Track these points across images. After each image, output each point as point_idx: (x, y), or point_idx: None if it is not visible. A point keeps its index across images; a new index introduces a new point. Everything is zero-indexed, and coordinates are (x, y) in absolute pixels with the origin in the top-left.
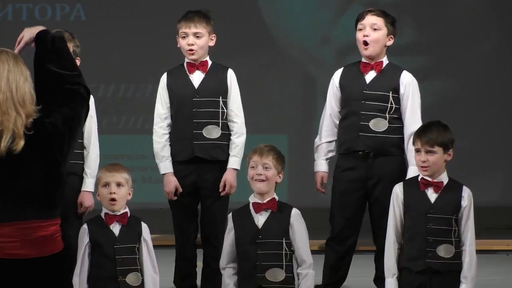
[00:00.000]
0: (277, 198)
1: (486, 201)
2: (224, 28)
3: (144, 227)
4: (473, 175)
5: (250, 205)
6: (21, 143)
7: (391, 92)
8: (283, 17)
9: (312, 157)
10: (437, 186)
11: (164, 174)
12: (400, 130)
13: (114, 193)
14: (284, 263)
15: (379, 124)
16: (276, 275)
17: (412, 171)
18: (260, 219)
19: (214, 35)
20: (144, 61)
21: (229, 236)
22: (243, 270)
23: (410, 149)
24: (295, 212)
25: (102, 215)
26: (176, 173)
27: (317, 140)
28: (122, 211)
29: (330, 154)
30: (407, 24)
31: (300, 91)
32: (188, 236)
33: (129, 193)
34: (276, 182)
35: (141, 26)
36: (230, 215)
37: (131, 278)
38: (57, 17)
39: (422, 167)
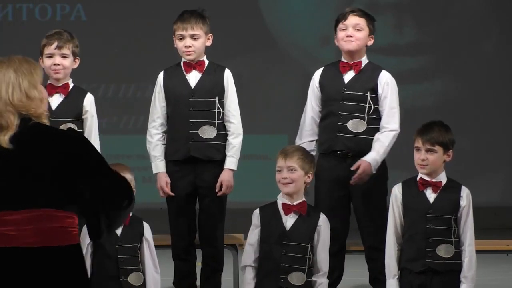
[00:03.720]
0: (306, 201)
1: (486, 201)
2: (224, 28)
3: (146, 227)
4: (473, 175)
5: (279, 204)
6: (8, 134)
7: (369, 92)
8: (283, 17)
9: None
10: (435, 186)
11: (156, 173)
12: (379, 131)
13: None
14: (306, 268)
15: (357, 125)
16: (299, 278)
17: (372, 155)
18: (289, 220)
19: (211, 34)
20: (144, 61)
21: (253, 233)
22: (264, 270)
23: (376, 137)
24: (323, 218)
25: None
26: (173, 173)
27: (297, 140)
28: None
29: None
30: (407, 24)
31: (300, 91)
32: (186, 237)
33: None
34: (305, 182)
35: (141, 26)
36: (256, 212)
37: (133, 278)
38: (57, 17)
39: (420, 165)
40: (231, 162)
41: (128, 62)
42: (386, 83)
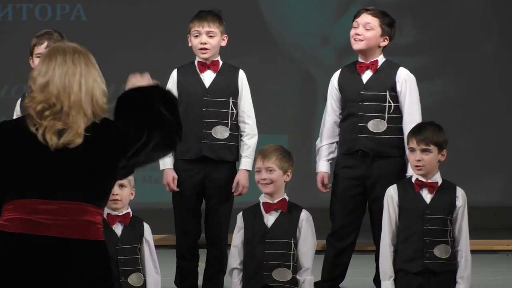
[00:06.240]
0: (287, 198)
1: (486, 201)
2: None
3: (146, 227)
4: (473, 175)
5: (261, 204)
6: (79, 141)
7: (388, 91)
8: (283, 17)
9: (312, 156)
10: (431, 186)
11: (163, 169)
12: (400, 130)
13: (117, 194)
14: (291, 264)
15: (377, 125)
16: (283, 274)
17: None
18: (270, 218)
19: (226, 35)
20: (145, 61)
21: (238, 235)
22: (249, 269)
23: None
24: (304, 214)
25: (104, 215)
26: (183, 172)
27: (318, 142)
28: (124, 211)
29: (332, 155)
30: (407, 24)
31: (300, 91)
32: (191, 236)
33: (132, 193)
34: (284, 181)
35: (141, 26)
36: (240, 215)
37: (133, 279)
38: (57, 17)
39: (416, 166)
40: (246, 162)
41: (129, 62)
42: (405, 80)
